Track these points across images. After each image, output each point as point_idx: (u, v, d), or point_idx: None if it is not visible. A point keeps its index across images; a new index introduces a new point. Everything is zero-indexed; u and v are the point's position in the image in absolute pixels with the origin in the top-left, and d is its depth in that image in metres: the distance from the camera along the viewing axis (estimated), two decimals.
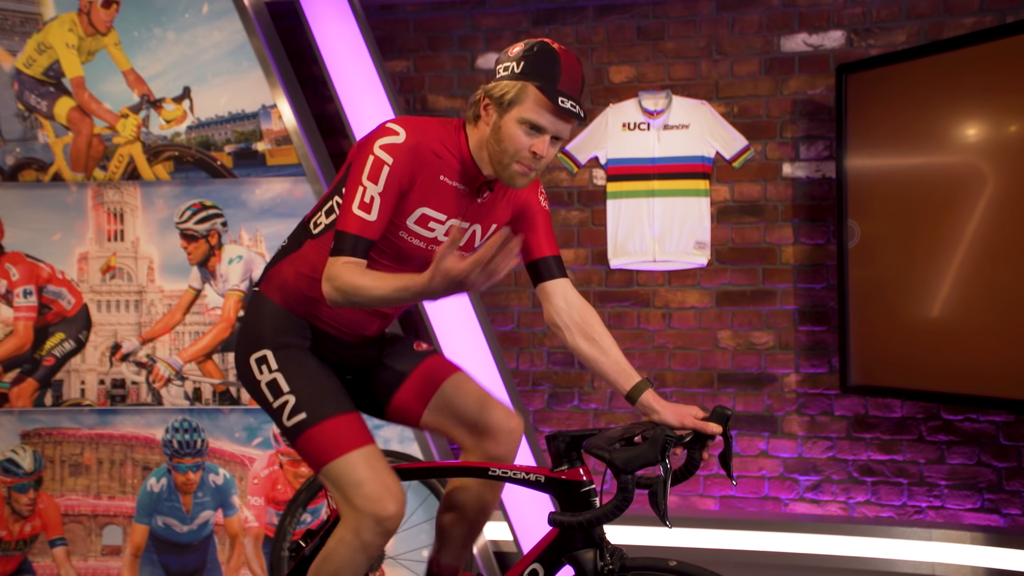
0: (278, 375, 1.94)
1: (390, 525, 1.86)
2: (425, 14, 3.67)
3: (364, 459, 1.87)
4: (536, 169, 1.83)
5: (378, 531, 1.85)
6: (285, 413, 1.91)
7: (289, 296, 1.99)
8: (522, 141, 1.78)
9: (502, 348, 3.54)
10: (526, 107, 1.77)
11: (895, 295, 3.06)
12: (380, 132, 1.82)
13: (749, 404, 3.46)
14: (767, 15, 3.42)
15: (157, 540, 3.61)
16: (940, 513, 3.30)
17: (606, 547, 1.83)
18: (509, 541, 3.37)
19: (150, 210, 3.58)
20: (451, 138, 1.87)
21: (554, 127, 1.78)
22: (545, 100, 1.75)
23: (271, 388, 1.94)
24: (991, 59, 2.79)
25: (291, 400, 1.91)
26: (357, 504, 1.84)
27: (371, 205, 1.78)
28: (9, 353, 3.65)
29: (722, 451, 1.93)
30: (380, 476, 1.86)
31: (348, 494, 1.86)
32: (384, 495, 1.84)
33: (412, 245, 1.91)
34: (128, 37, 3.54)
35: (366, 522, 1.84)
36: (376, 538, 1.86)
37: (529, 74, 1.77)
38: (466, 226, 1.95)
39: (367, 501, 1.83)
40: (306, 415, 1.90)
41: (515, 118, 1.78)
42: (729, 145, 3.43)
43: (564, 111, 1.75)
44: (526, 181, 1.84)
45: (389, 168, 1.78)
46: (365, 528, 1.84)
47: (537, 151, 1.79)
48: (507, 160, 1.80)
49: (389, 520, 1.85)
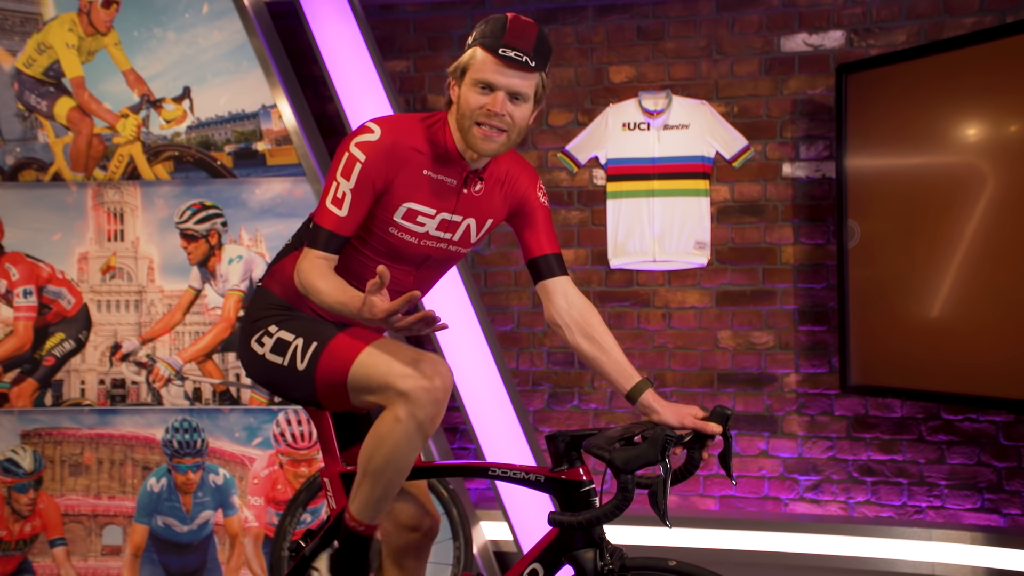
0: (280, 333, 1.93)
1: (438, 395, 1.77)
2: (425, 14, 3.67)
3: (383, 347, 1.83)
4: (503, 130, 1.82)
5: (429, 401, 1.76)
6: (298, 358, 1.88)
7: (291, 291, 2.00)
8: (475, 101, 1.80)
9: (502, 348, 3.54)
10: (474, 67, 1.81)
11: (895, 295, 3.06)
12: (358, 131, 1.86)
13: (749, 404, 3.46)
14: (767, 15, 3.42)
15: (157, 540, 3.61)
16: (940, 513, 3.30)
17: (606, 547, 1.83)
18: (509, 541, 3.37)
19: (150, 210, 3.58)
20: (433, 131, 1.89)
21: (505, 81, 1.79)
22: (488, 55, 1.78)
23: (277, 349, 1.92)
24: (991, 59, 2.79)
25: (299, 342, 1.89)
26: (399, 387, 1.76)
27: (343, 201, 1.82)
28: (9, 353, 3.65)
29: (722, 451, 1.93)
30: (407, 354, 1.81)
31: (387, 383, 1.77)
32: (419, 368, 1.77)
33: (403, 241, 1.92)
34: (128, 37, 3.54)
35: (414, 399, 1.75)
36: (428, 411, 1.76)
37: (478, 39, 1.82)
38: (458, 219, 1.95)
39: (405, 380, 1.76)
40: (317, 343, 1.87)
41: (469, 82, 1.81)
42: (729, 145, 3.43)
43: (507, 59, 1.77)
44: (493, 146, 1.84)
45: (361, 166, 1.81)
46: (416, 406, 1.76)
47: (491, 108, 1.79)
48: (467, 124, 1.82)
49: (435, 390, 1.76)
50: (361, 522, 1.90)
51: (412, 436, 1.78)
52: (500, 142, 1.84)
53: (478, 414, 3.30)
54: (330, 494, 2.09)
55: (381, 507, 1.89)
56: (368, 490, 1.86)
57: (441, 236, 1.96)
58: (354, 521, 1.90)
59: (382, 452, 1.81)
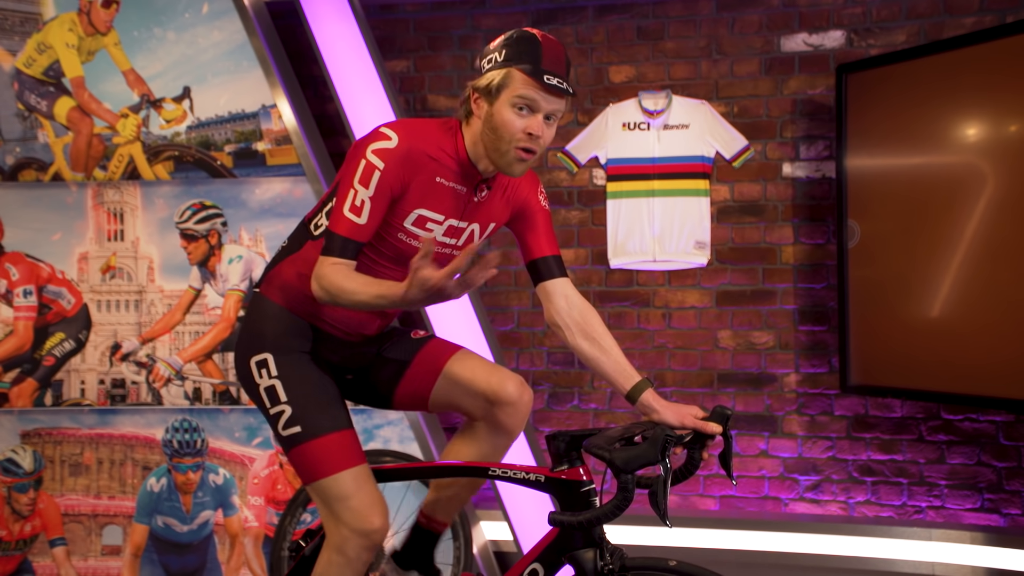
0: (277, 382, 1.95)
1: (376, 538, 1.89)
2: (425, 14, 3.67)
3: (353, 478, 1.90)
4: (535, 153, 1.83)
5: (364, 545, 1.88)
6: (280, 422, 1.93)
7: (290, 297, 1.99)
8: (516, 123, 1.79)
9: (502, 348, 3.54)
10: (514, 87, 1.78)
11: (895, 295, 3.06)
12: (374, 136, 1.84)
13: (749, 404, 3.46)
14: (767, 15, 3.42)
15: (157, 540, 3.61)
16: (940, 513, 3.30)
17: (606, 547, 1.83)
18: (509, 541, 3.38)
19: (150, 210, 3.58)
20: (447, 139, 1.88)
21: (546, 104, 1.79)
22: (531, 80, 1.77)
23: (269, 394, 1.95)
24: (991, 59, 2.79)
25: (288, 411, 1.93)
26: (344, 518, 1.88)
27: (361, 208, 1.80)
28: (9, 353, 3.65)
29: (722, 451, 1.93)
30: (367, 491, 1.90)
31: (334, 508, 1.89)
32: (369, 509, 1.88)
33: (412, 247, 1.91)
34: (128, 37, 3.54)
35: (351, 537, 1.87)
36: (362, 552, 1.89)
37: (512, 59, 1.79)
38: (463, 225, 1.96)
39: (353, 515, 1.87)
40: (301, 429, 1.91)
41: (507, 101, 1.79)
42: (729, 145, 3.43)
43: (552, 87, 1.76)
44: (524, 168, 1.85)
45: (380, 173, 1.80)
46: (350, 544, 1.88)
47: (532, 131, 1.79)
48: (504, 147, 1.81)
49: (374, 533, 1.88)
50: None
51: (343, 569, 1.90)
52: (529, 163, 1.85)
53: None
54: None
55: None
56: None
57: (446, 241, 1.96)
58: None
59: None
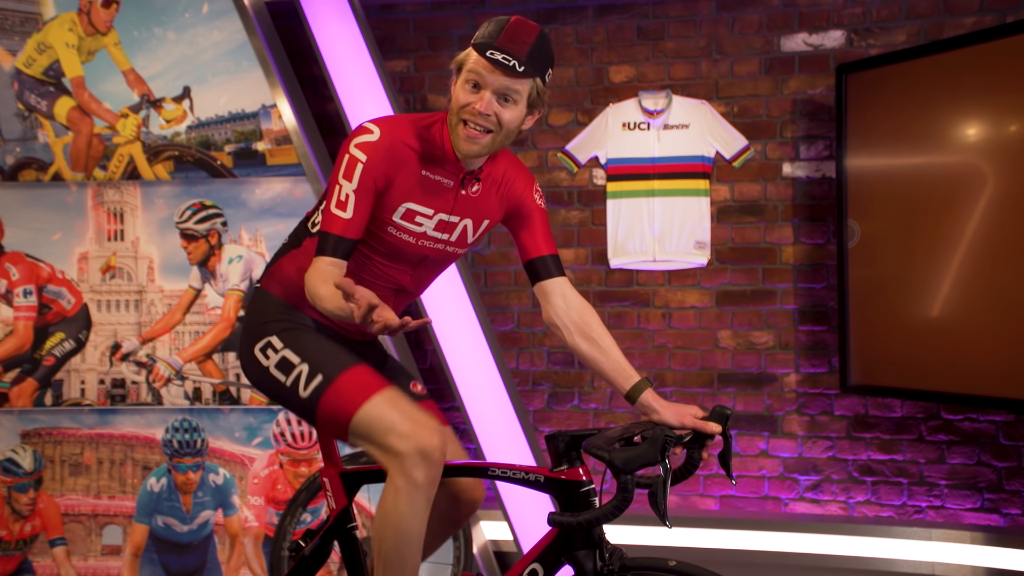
0: (285, 352, 1.93)
1: (436, 456, 1.79)
2: (425, 14, 3.67)
3: (389, 401, 1.84)
4: (492, 130, 1.81)
5: (426, 466, 1.78)
6: (301, 384, 1.89)
7: (291, 291, 2.00)
8: (462, 98, 1.81)
9: (502, 348, 3.54)
10: (467, 67, 1.82)
11: (895, 295, 3.06)
12: (357, 132, 1.86)
13: (749, 404, 3.46)
14: (767, 15, 3.42)
15: (157, 540, 3.61)
16: (940, 513, 3.30)
17: (606, 547, 1.83)
18: (509, 541, 3.37)
19: (150, 210, 3.58)
20: (429, 131, 1.90)
21: (492, 82, 1.78)
22: (478, 56, 1.78)
23: (281, 367, 1.92)
24: (991, 59, 2.79)
25: (304, 368, 1.89)
26: (397, 447, 1.78)
27: (346, 203, 1.81)
28: (9, 353, 3.65)
29: (722, 451, 1.93)
30: (410, 413, 1.83)
31: (385, 441, 1.80)
32: (419, 429, 1.80)
33: (402, 240, 1.92)
34: (128, 37, 3.54)
35: (411, 461, 1.78)
36: (427, 472, 1.79)
37: (475, 39, 1.82)
38: (455, 220, 1.96)
39: (405, 440, 1.78)
40: (322, 376, 1.87)
41: (460, 81, 1.83)
42: (729, 145, 3.43)
43: (493, 61, 1.76)
44: (476, 147, 1.83)
45: (363, 166, 1.81)
46: (413, 467, 1.78)
47: (475, 105, 1.79)
48: (454, 121, 1.83)
49: (434, 451, 1.79)
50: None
51: (415, 502, 1.79)
52: (483, 143, 1.83)
53: (478, 414, 3.30)
54: (330, 494, 2.09)
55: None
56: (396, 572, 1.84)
57: (438, 236, 1.96)
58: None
59: (390, 529, 1.81)
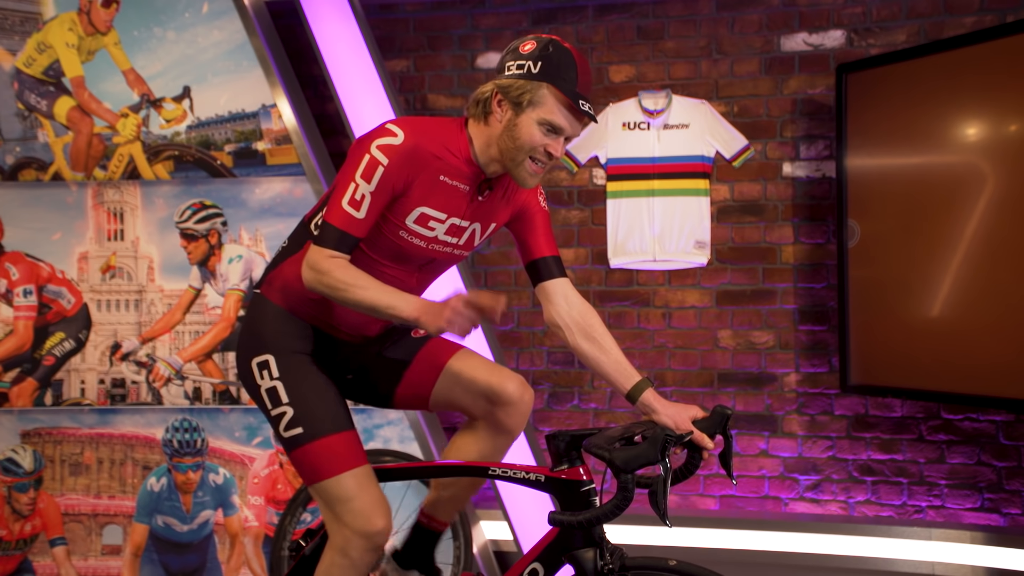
0: (278, 384, 1.94)
1: (379, 540, 1.88)
2: (425, 13, 3.67)
3: (355, 479, 1.89)
4: (547, 168, 1.88)
5: (367, 547, 1.88)
6: (282, 424, 1.93)
7: (291, 298, 1.99)
8: (539, 140, 1.82)
9: (502, 348, 3.54)
10: (546, 109, 1.80)
11: (895, 295, 3.06)
12: (379, 132, 1.83)
13: (749, 404, 3.46)
14: (767, 14, 3.42)
15: (157, 539, 3.61)
16: (940, 512, 3.30)
17: (606, 546, 1.83)
18: (509, 540, 3.37)
19: (150, 209, 3.58)
20: (452, 138, 1.88)
21: (571, 129, 1.83)
22: (566, 102, 1.79)
23: (270, 395, 1.95)
24: (991, 58, 2.79)
25: (289, 412, 1.92)
26: (346, 520, 1.87)
27: (361, 203, 1.80)
28: (9, 352, 3.65)
29: (722, 450, 1.93)
30: (369, 493, 1.89)
31: (337, 510, 1.88)
32: (372, 511, 1.87)
33: (412, 244, 1.91)
34: (128, 36, 3.54)
35: (354, 539, 1.87)
36: (365, 554, 1.88)
37: (547, 76, 1.79)
38: (465, 224, 1.96)
39: (355, 517, 1.86)
40: (302, 430, 1.91)
41: (534, 119, 1.81)
42: (729, 144, 3.43)
43: (584, 114, 1.80)
44: (536, 180, 1.87)
45: (384, 169, 1.79)
46: (353, 546, 1.87)
47: (553, 151, 1.83)
48: (521, 158, 1.83)
49: (377, 535, 1.87)
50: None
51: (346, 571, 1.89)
52: (540, 177, 1.88)
53: None
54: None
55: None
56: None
57: (448, 240, 1.95)
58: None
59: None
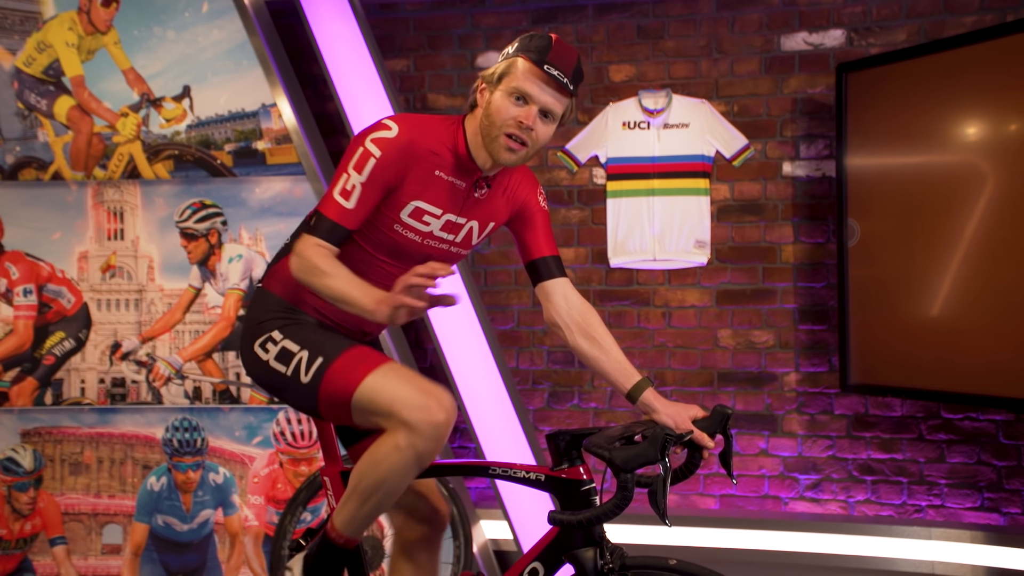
0: (285, 342, 1.92)
1: (442, 431, 1.76)
2: (425, 13, 3.67)
3: (393, 371, 1.82)
4: (526, 144, 1.83)
5: (432, 436, 1.75)
6: (302, 370, 1.87)
7: (292, 290, 2.00)
8: (509, 111, 1.81)
9: (502, 347, 3.55)
10: (514, 76, 1.81)
11: (895, 294, 3.06)
12: (375, 127, 1.86)
13: (749, 403, 3.46)
14: (767, 14, 3.42)
15: (157, 539, 3.61)
16: (940, 512, 3.30)
17: (606, 546, 1.83)
18: (509, 540, 3.38)
19: (150, 209, 3.58)
20: (449, 134, 1.90)
21: (541, 97, 1.81)
22: (532, 67, 1.79)
23: (281, 358, 1.91)
24: (991, 58, 2.79)
25: (304, 355, 1.88)
26: (404, 417, 1.74)
27: (351, 193, 1.81)
28: (9, 352, 3.65)
29: (722, 450, 1.93)
30: (416, 383, 1.80)
31: (392, 410, 1.76)
32: (427, 401, 1.76)
33: (407, 239, 1.92)
34: (128, 36, 3.54)
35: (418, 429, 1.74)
36: (430, 444, 1.75)
37: (520, 50, 1.83)
38: (462, 221, 1.97)
39: (413, 411, 1.74)
40: (323, 358, 1.86)
41: (503, 89, 1.82)
42: (729, 144, 3.43)
43: (550, 76, 1.78)
44: (513, 158, 1.84)
45: (376, 161, 1.81)
46: (419, 435, 1.74)
47: (523, 119, 1.80)
48: (495, 132, 1.82)
49: (440, 426, 1.75)
50: (342, 535, 1.90)
51: (408, 465, 1.77)
52: (520, 155, 1.85)
53: (478, 413, 3.30)
54: (330, 493, 2.10)
55: (366, 525, 1.90)
56: (355, 507, 1.86)
57: (444, 237, 1.96)
58: (335, 532, 1.90)
59: (375, 475, 1.80)
